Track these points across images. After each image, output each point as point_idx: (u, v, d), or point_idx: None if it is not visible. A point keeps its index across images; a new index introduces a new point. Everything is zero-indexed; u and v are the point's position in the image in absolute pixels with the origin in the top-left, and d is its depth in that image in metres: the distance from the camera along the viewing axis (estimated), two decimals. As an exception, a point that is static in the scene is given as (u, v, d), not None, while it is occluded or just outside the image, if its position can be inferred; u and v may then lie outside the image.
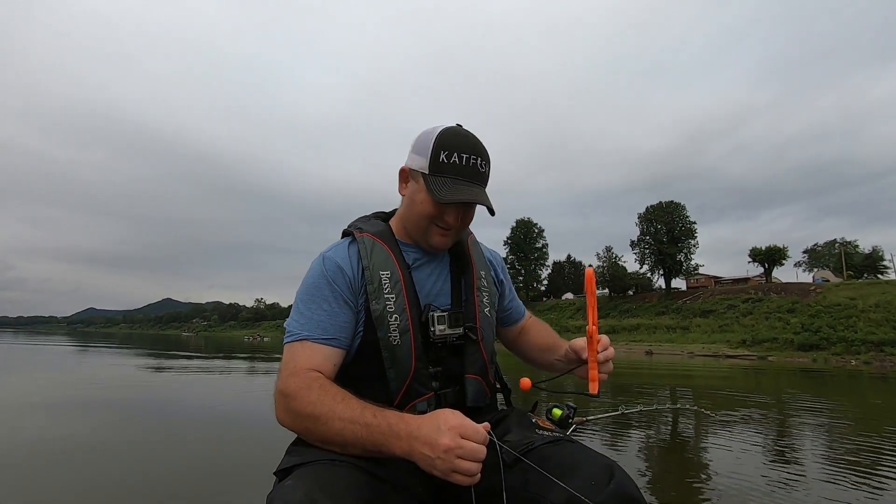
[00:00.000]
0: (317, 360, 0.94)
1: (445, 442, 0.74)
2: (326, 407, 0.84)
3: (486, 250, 1.27)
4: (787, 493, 2.89)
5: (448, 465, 0.74)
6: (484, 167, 1.03)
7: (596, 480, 0.77)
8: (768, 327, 35.56)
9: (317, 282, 1.01)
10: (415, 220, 1.06)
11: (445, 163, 1.00)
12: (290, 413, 0.88)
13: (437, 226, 1.05)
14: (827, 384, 11.69)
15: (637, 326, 44.34)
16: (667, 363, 19.88)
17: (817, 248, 66.64)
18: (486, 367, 1.10)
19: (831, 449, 4.15)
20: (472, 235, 1.24)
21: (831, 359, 26.89)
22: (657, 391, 8.60)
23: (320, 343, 0.96)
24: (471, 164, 1.01)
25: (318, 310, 0.98)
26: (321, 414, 0.84)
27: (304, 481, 0.74)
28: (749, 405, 6.93)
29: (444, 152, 1.00)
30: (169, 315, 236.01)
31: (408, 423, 0.80)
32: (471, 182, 1.02)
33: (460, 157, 1.00)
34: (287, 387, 0.89)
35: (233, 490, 2.77)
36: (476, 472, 0.75)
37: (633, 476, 0.81)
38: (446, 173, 1.00)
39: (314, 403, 0.85)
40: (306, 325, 0.97)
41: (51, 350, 18.51)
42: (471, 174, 1.01)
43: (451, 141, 1.01)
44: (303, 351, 0.95)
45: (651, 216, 54.73)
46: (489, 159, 1.05)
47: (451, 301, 1.09)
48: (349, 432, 0.82)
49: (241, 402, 6.30)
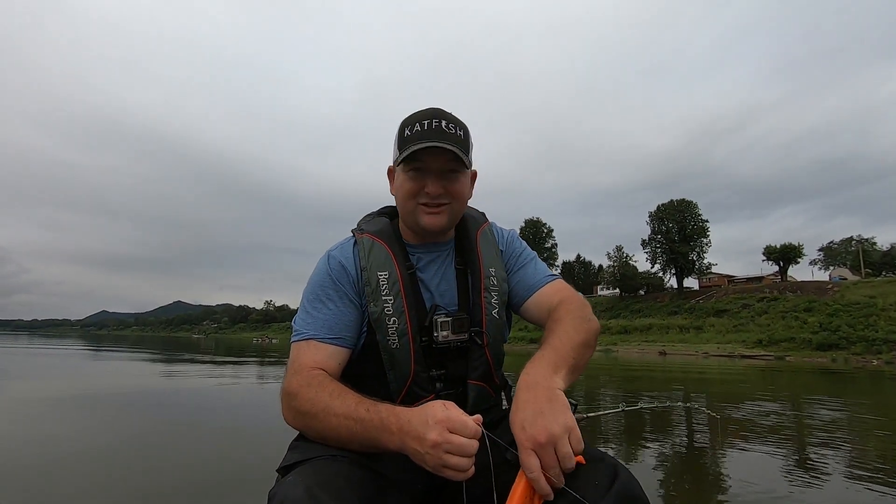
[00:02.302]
0: (320, 358, 0.95)
1: (433, 437, 0.72)
2: (323, 403, 0.85)
3: (500, 235, 1.19)
4: (801, 496, 2.75)
5: (437, 460, 0.72)
6: (451, 129, 0.99)
7: (599, 480, 0.74)
8: (785, 327, 34.84)
9: (322, 280, 1.03)
10: (402, 205, 1.04)
11: (409, 135, 0.99)
12: (292, 411, 0.89)
13: (421, 204, 1.01)
14: (847, 385, 11.34)
15: (649, 327, 43.73)
16: (681, 364, 19.49)
17: (833, 246, 65.38)
18: (490, 371, 1.06)
19: (853, 453, 3.92)
20: (485, 225, 1.17)
21: (851, 359, 26.23)
22: (669, 391, 8.39)
23: (325, 342, 0.97)
24: (433, 127, 0.98)
25: (324, 308, 1.00)
26: (318, 411, 0.84)
27: (305, 477, 0.75)
28: (763, 405, 6.72)
29: (407, 127, 1.00)
30: (180, 317, 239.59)
31: (398, 416, 0.78)
32: (436, 140, 0.97)
33: (422, 124, 0.99)
34: (290, 385, 0.91)
35: (237, 486, 2.76)
36: (466, 467, 0.72)
37: (636, 474, 0.78)
38: (412, 142, 0.98)
39: (312, 401, 0.86)
40: (312, 325, 0.98)
41: (66, 353, 18.70)
42: (435, 135, 0.97)
43: (412, 116, 1.01)
44: (307, 350, 0.96)
45: (662, 214, 54.05)
46: (462, 125, 1.02)
47: (457, 303, 1.06)
48: (344, 428, 0.82)
49: (246, 401, 6.29)
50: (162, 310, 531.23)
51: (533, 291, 1.09)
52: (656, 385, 9.63)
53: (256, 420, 4.83)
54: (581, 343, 0.92)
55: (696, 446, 4.09)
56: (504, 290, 1.10)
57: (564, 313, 0.99)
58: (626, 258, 60.08)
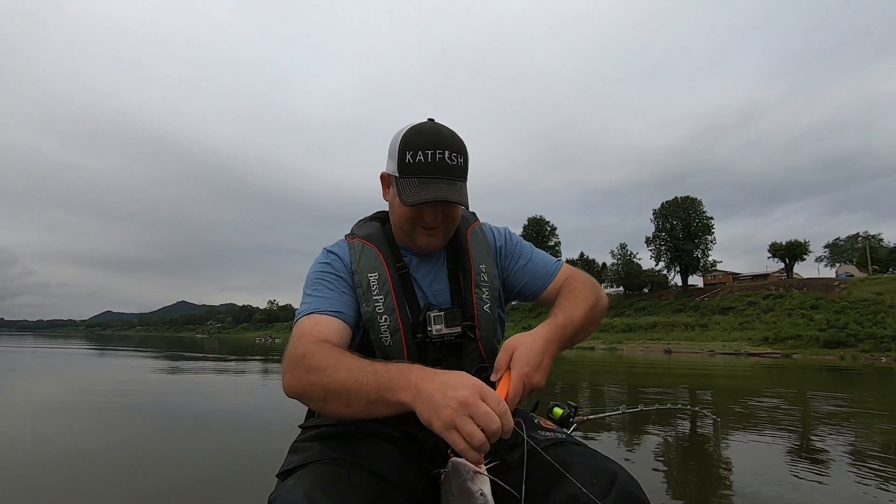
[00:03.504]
0: (323, 329, 0.93)
1: (463, 394, 0.66)
2: (333, 359, 0.82)
3: (490, 234, 1.18)
4: (804, 495, 2.68)
5: (453, 417, 0.65)
6: (455, 159, 0.97)
7: (599, 483, 0.75)
8: (791, 324, 34.58)
9: (322, 269, 1.05)
10: (398, 225, 1.05)
11: (411, 163, 0.96)
12: (296, 370, 0.84)
13: (420, 227, 1.02)
14: (854, 382, 11.14)
15: (654, 325, 43.54)
16: (686, 362, 19.31)
17: (839, 243, 64.84)
18: (484, 366, 1.05)
19: (862, 452, 3.76)
20: (475, 224, 1.16)
21: (860, 356, 25.95)
22: (675, 388, 8.24)
23: (328, 314, 0.96)
24: (437, 160, 0.95)
25: (325, 290, 1.00)
26: (327, 365, 0.81)
27: (305, 481, 0.75)
28: (768, 404, 6.58)
29: (409, 152, 0.96)
30: (184, 317, 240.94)
31: (421, 368, 0.75)
32: (440, 178, 0.96)
33: (425, 155, 0.95)
34: (295, 350, 0.87)
35: (237, 491, 2.75)
36: (478, 442, 0.64)
37: (637, 477, 0.78)
38: (413, 174, 0.96)
39: (322, 357, 0.83)
40: (314, 303, 0.98)
41: (72, 353, 18.70)
42: (439, 170, 0.96)
43: (414, 139, 0.97)
44: (310, 322, 0.95)
45: (666, 212, 53.80)
46: (462, 150, 1.00)
47: (450, 300, 1.07)
48: (354, 380, 0.77)
49: (246, 403, 6.19)
50: (166, 310, 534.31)
51: (550, 280, 1.13)
52: (662, 382, 9.48)
53: (257, 420, 4.81)
54: (582, 316, 1.00)
55: (698, 447, 4.03)
56: (495, 286, 1.10)
57: (567, 291, 1.08)
58: (630, 256, 59.82)
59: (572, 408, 1.37)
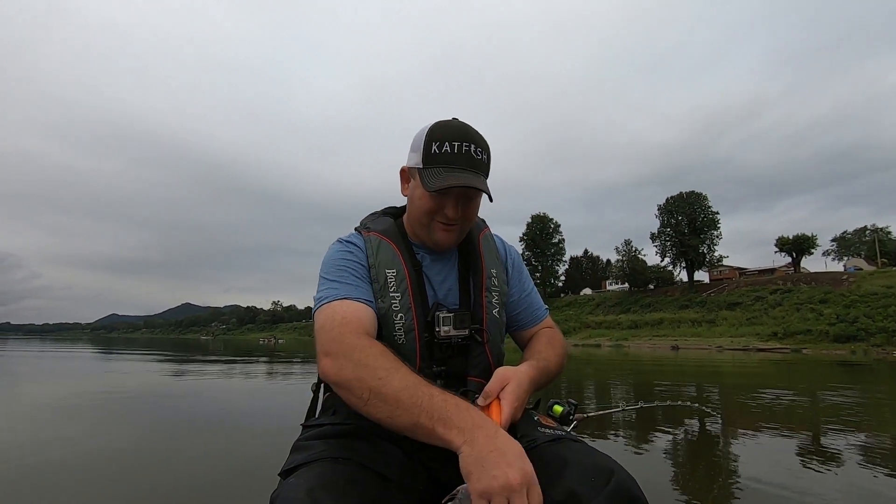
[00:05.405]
0: (363, 318, 0.92)
1: (515, 476, 0.67)
2: (389, 364, 0.81)
3: (502, 245, 1.21)
4: (808, 494, 2.55)
5: (495, 491, 0.66)
6: (479, 154, 1.00)
7: (596, 480, 0.76)
8: (800, 319, 34.21)
9: (344, 256, 1.03)
10: (417, 217, 1.05)
11: (437, 153, 0.98)
12: (343, 360, 0.83)
13: (438, 221, 1.03)
14: (867, 377, 10.91)
15: (660, 321, 43.22)
16: (694, 358, 19.06)
17: (846, 236, 64.22)
18: (490, 369, 1.04)
19: (874, 447, 3.59)
20: (486, 231, 1.19)
21: (871, 350, 25.58)
22: (681, 387, 8.07)
23: (362, 302, 0.95)
24: (463, 152, 0.98)
25: (350, 277, 0.99)
26: (381, 367, 0.80)
27: (307, 479, 0.75)
28: (776, 399, 6.38)
29: (436, 143, 0.98)
30: (188, 319, 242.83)
31: (480, 414, 0.76)
32: (465, 169, 0.98)
33: (451, 146, 0.98)
34: (342, 337, 0.86)
35: (239, 489, 2.73)
36: None
37: (635, 474, 0.79)
38: (439, 163, 0.98)
39: (376, 356, 0.82)
40: (341, 290, 0.96)
41: (79, 357, 18.72)
42: (465, 161, 0.98)
43: (442, 131, 0.99)
44: (345, 308, 0.92)
45: (672, 207, 53.42)
46: (486, 147, 1.03)
47: (459, 301, 1.08)
48: (408, 396, 0.76)
49: (248, 404, 6.15)
50: (171, 312, 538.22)
51: (537, 322, 1.19)
52: (669, 379, 9.31)
53: (259, 420, 4.76)
54: (554, 369, 1.06)
55: (699, 444, 3.92)
56: (504, 291, 1.12)
57: (548, 340, 1.14)
58: (635, 252, 59.45)
59: (572, 405, 1.36)
